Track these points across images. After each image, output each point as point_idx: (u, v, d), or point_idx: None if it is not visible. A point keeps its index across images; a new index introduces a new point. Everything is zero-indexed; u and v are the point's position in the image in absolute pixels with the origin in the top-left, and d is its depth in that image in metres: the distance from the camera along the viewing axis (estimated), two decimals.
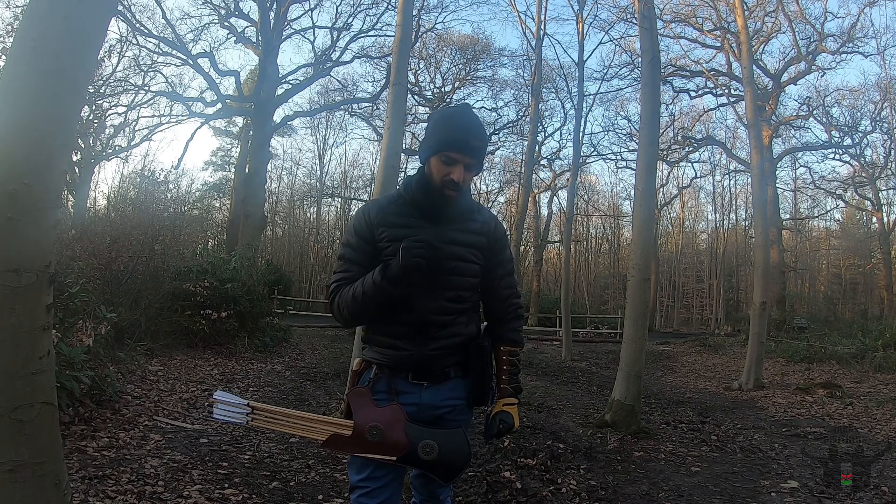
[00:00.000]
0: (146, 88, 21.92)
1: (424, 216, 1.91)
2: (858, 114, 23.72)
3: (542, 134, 28.22)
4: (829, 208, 33.27)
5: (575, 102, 15.97)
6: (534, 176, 25.66)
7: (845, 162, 26.73)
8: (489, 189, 36.21)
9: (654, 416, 7.52)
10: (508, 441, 5.20)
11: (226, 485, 3.75)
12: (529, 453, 4.98)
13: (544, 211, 34.44)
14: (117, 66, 20.27)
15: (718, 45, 22.52)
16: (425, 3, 22.25)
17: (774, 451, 5.76)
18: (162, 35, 20.20)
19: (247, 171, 21.69)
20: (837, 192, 28.40)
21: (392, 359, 1.89)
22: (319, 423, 1.84)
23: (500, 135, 30.57)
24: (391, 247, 1.84)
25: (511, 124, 29.91)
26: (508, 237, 2.19)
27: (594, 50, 55.19)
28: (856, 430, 6.95)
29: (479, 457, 4.78)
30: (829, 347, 13.91)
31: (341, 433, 1.80)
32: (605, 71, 21.13)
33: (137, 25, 19.47)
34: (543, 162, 29.91)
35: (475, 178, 2.03)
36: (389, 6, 21.17)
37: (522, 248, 30.39)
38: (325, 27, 23.59)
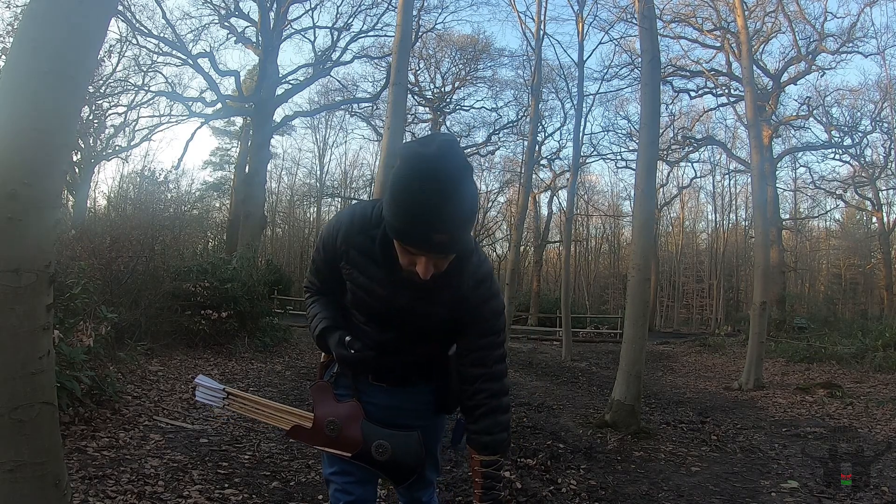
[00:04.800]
0: (146, 88, 21.92)
1: (389, 269, 1.53)
2: (858, 114, 23.72)
3: (542, 134, 28.19)
4: (829, 208, 33.25)
5: (575, 102, 15.99)
6: (534, 176, 25.59)
7: (845, 162, 26.71)
8: (489, 189, 36.23)
9: (654, 416, 7.52)
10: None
11: (226, 485, 3.75)
12: (529, 453, 4.99)
13: (544, 211, 34.48)
14: (117, 65, 20.27)
15: (718, 45, 22.51)
16: (425, 4, 22.28)
17: (774, 451, 5.77)
18: (162, 35, 20.21)
19: (247, 170, 21.71)
20: (837, 192, 28.37)
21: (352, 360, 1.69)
22: (286, 414, 1.85)
23: (500, 135, 30.61)
24: (349, 285, 1.65)
25: (511, 124, 29.91)
26: (496, 304, 1.65)
27: (594, 50, 54.99)
28: (856, 430, 6.95)
29: None
30: (829, 347, 13.91)
31: (303, 425, 1.79)
32: (605, 71, 21.15)
33: (137, 25, 19.47)
34: (543, 162, 29.88)
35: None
36: (390, 6, 21.16)
37: (522, 248, 30.37)
38: (326, 27, 23.61)
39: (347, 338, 1.65)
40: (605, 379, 10.40)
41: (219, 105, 22.36)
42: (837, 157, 25.82)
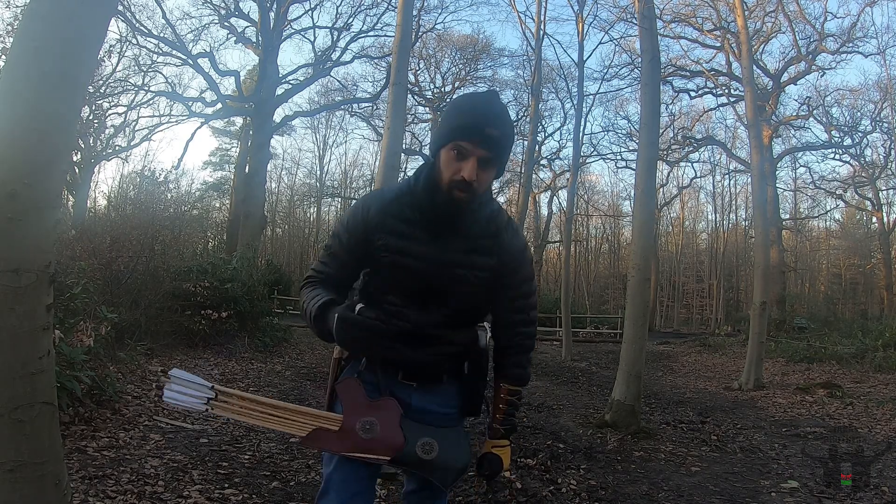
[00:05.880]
0: (146, 88, 21.93)
1: (429, 225, 1.60)
2: (858, 114, 23.72)
3: (542, 134, 28.20)
4: (829, 208, 33.28)
5: (575, 102, 16.00)
6: (534, 176, 25.64)
7: (845, 162, 26.73)
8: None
9: (654, 416, 7.52)
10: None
11: (226, 485, 3.75)
12: (529, 453, 4.99)
13: (544, 211, 34.49)
14: (117, 65, 20.27)
15: (718, 45, 22.52)
16: (425, 4, 22.27)
17: (774, 451, 5.77)
18: (162, 35, 20.22)
19: (247, 170, 21.72)
20: (837, 192, 28.38)
21: (387, 361, 1.67)
22: (300, 416, 1.59)
23: None
24: (388, 257, 1.61)
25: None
26: (529, 253, 1.84)
27: (594, 50, 55.24)
28: (856, 430, 6.95)
29: (477, 456, 4.78)
30: (829, 347, 13.91)
31: (327, 428, 1.57)
32: (604, 71, 21.13)
33: (137, 25, 19.47)
34: (543, 162, 29.89)
35: (496, 180, 1.70)
36: (389, 6, 21.17)
37: None
38: (326, 27, 23.64)
39: (359, 305, 1.60)
40: (605, 379, 10.40)
41: (219, 105, 22.38)
42: (837, 157, 25.86)
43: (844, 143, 24.20)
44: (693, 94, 25.85)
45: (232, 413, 1.64)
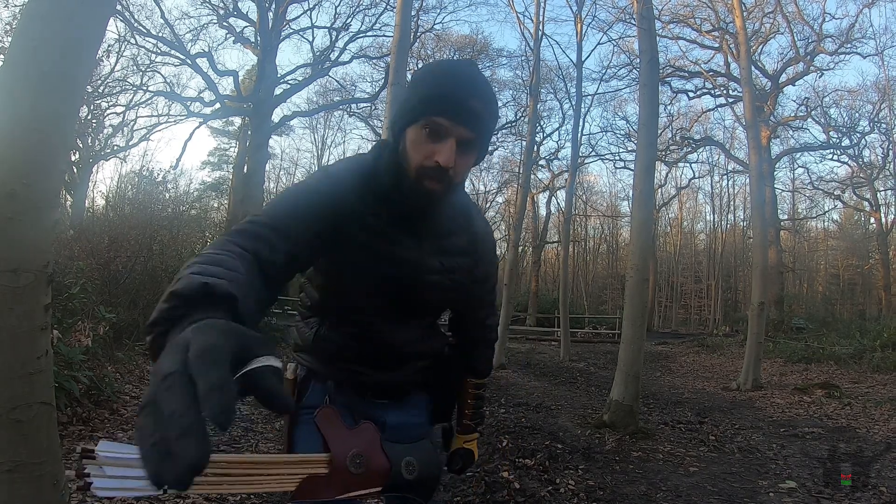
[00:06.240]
0: (144, 88, 21.90)
1: (397, 221, 1.30)
2: (857, 114, 23.76)
3: (541, 134, 28.12)
4: (827, 209, 33.33)
5: (573, 103, 15.97)
6: (532, 176, 25.62)
7: (843, 163, 26.75)
8: (487, 189, 36.21)
9: (653, 416, 7.52)
10: (507, 441, 5.21)
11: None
12: (528, 453, 4.99)
13: (542, 211, 34.47)
14: (116, 65, 20.27)
15: (717, 45, 22.55)
16: (424, 4, 22.26)
17: (772, 451, 5.77)
18: (160, 35, 20.18)
19: (245, 170, 21.69)
20: (835, 193, 28.43)
21: (349, 378, 1.43)
22: (286, 467, 1.15)
23: (499, 135, 30.59)
24: (358, 259, 1.28)
25: (509, 125, 29.82)
26: (493, 236, 1.63)
27: (592, 50, 54.92)
28: (854, 430, 6.96)
29: (477, 457, 4.78)
30: (827, 348, 13.94)
31: (317, 473, 1.18)
32: (603, 71, 21.17)
33: (136, 25, 19.44)
34: (542, 162, 29.82)
35: (473, 168, 1.37)
36: (388, 6, 21.16)
37: (521, 248, 30.38)
38: (324, 27, 23.59)
39: (318, 328, 1.40)
40: (604, 379, 10.40)
41: (217, 105, 22.36)
42: (835, 157, 25.88)
43: (842, 144, 24.25)
44: (691, 94, 25.90)
45: (204, 488, 1.06)
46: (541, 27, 14.44)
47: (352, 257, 1.28)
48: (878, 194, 26.58)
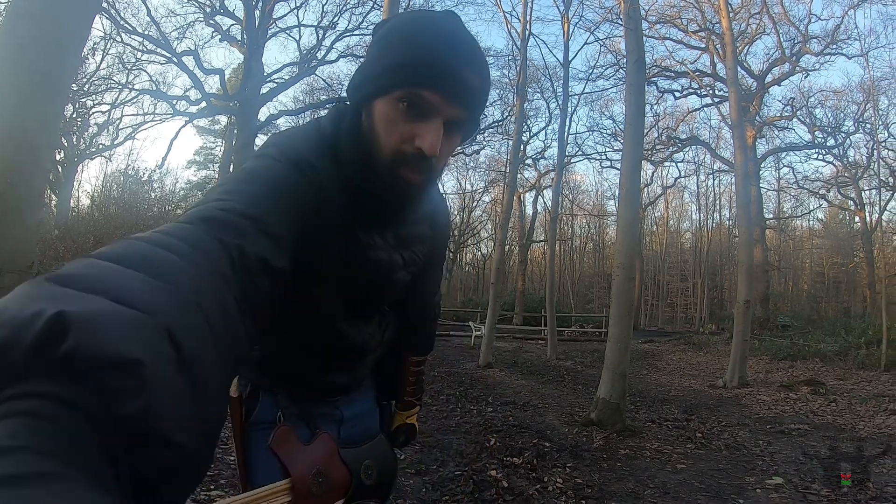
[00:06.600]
0: (130, 86, 21.73)
1: (361, 215, 1.02)
2: (842, 115, 23.91)
3: (527, 133, 28.15)
4: (812, 208, 33.58)
5: (560, 102, 15.99)
6: (519, 175, 25.66)
7: (828, 162, 26.91)
8: (474, 188, 36.25)
9: (640, 414, 7.56)
10: (495, 440, 5.21)
11: (211, 486, 3.73)
12: (516, 452, 5.00)
13: (529, 210, 34.46)
14: (101, 63, 20.15)
15: (703, 46, 22.65)
16: (410, 3, 22.23)
17: (759, 447, 5.82)
18: (146, 33, 20.01)
19: (231, 169, 21.56)
20: (820, 192, 28.61)
21: (302, 386, 1.28)
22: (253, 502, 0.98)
23: (485, 134, 30.60)
24: (337, 265, 1.04)
25: (496, 124, 29.85)
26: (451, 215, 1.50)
27: (579, 50, 54.73)
28: (839, 426, 7.04)
29: (465, 456, 4.79)
30: (813, 345, 14.07)
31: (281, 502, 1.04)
32: (590, 71, 21.18)
33: (122, 23, 19.26)
34: (528, 161, 29.85)
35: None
36: (375, 5, 21.11)
37: (507, 247, 30.44)
38: (311, 26, 23.51)
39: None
40: (591, 377, 10.43)
41: (203, 103, 22.19)
42: (821, 157, 26.06)
43: (828, 144, 24.43)
44: (678, 94, 25.98)
45: None
46: (528, 27, 14.46)
47: (318, 265, 1.01)
48: (863, 193, 26.82)
